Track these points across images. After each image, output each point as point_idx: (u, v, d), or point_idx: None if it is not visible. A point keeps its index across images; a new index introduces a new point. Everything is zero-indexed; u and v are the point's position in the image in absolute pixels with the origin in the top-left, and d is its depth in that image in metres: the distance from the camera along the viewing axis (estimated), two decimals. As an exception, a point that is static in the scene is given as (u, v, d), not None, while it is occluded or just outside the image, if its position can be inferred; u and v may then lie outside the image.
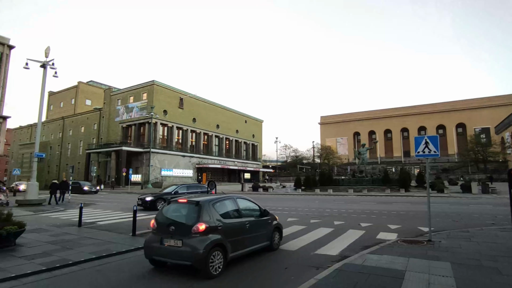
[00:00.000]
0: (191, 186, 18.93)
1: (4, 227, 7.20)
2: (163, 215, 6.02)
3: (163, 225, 5.75)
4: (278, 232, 7.46)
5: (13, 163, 72.30)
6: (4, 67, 33.85)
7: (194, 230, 5.32)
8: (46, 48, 20.03)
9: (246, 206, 6.88)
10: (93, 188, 34.43)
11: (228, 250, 5.63)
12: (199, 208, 5.65)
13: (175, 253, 5.37)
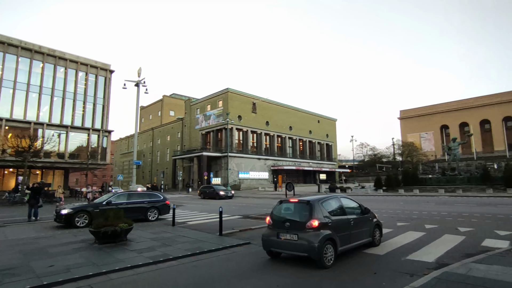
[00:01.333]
0: (133, 194, 14.50)
1: (119, 224, 8.48)
2: (277, 212, 6.84)
3: (278, 221, 6.60)
4: (378, 229, 7.92)
5: (116, 169, 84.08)
6: (108, 89, 39.73)
7: (308, 226, 6.05)
8: (138, 69, 22.91)
9: (349, 204, 7.46)
10: (229, 192, 30.87)
11: (338, 244, 6.26)
12: (310, 206, 6.34)
13: (292, 245, 6.19)
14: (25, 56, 33.76)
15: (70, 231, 11.03)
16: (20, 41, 33.57)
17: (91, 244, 8.51)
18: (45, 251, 7.69)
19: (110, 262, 6.61)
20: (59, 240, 9.14)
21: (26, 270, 6.06)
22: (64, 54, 36.60)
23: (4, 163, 30.13)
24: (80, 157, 35.20)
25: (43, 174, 35.94)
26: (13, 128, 31.33)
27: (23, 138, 27.61)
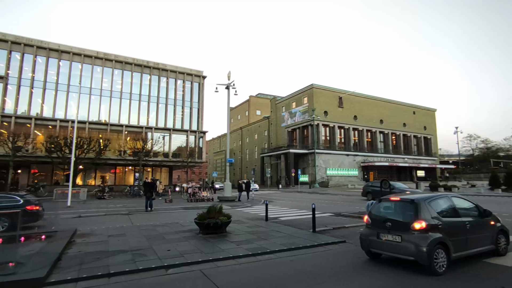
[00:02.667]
0: None
1: (219, 217, 9.29)
2: (376, 211, 6.51)
3: (378, 221, 6.26)
4: (504, 235, 6.81)
5: (211, 167, 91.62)
6: (201, 93, 43.55)
7: (414, 227, 5.55)
8: (228, 72, 24.46)
9: (463, 205, 6.62)
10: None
11: (451, 249, 5.61)
12: (415, 206, 5.83)
13: (394, 247, 5.78)
14: (137, 71, 39.58)
15: (177, 221, 12.50)
16: (134, 59, 39.48)
17: (196, 234, 9.52)
18: (162, 237, 8.94)
19: (215, 251, 7.31)
20: (171, 229, 10.49)
21: (151, 252, 7.17)
22: (165, 66, 41.60)
23: (125, 162, 35.96)
24: (180, 156, 39.56)
25: (153, 171, 41.65)
26: (130, 133, 37.12)
27: (137, 141, 32.51)
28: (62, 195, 22.46)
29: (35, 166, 34.31)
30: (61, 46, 35.64)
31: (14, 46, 33.50)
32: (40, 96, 34.04)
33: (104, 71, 37.71)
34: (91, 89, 36.30)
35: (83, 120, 34.08)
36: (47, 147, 29.31)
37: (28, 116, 32.92)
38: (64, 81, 35.25)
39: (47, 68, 34.64)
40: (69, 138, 28.49)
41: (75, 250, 7.46)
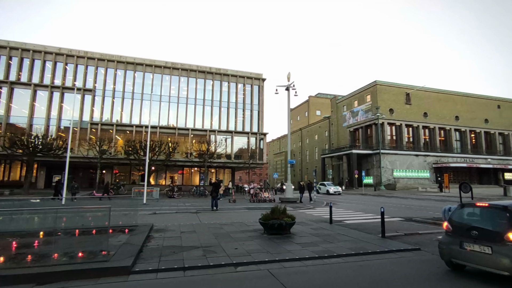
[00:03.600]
0: None
1: (283, 218, 9.35)
2: (458, 218, 5.95)
3: (461, 228, 5.71)
4: None
5: (271, 168, 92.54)
6: (261, 96, 44.34)
7: (509, 238, 4.91)
8: (288, 74, 24.49)
9: None
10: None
11: None
12: (510, 213, 5.17)
13: (483, 259, 5.19)
14: (201, 77, 41.98)
15: (242, 221, 12.88)
16: (198, 66, 41.98)
17: (261, 234, 9.70)
18: (229, 236, 9.32)
19: (280, 252, 7.37)
20: (237, 228, 10.86)
21: (220, 249, 7.53)
22: (226, 71, 43.31)
23: (192, 163, 38.34)
24: (242, 157, 40.76)
25: (217, 172, 43.63)
26: (196, 136, 39.45)
27: (202, 143, 34.41)
28: (138, 193, 24.84)
29: (117, 167, 38.54)
30: (136, 59, 39.55)
31: (100, 62, 38.19)
32: (119, 104, 38.19)
33: (172, 79, 40.80)
34: (161, 97, 39.54)
35: (154, 125, 37.24)
36: (125, 150, 32.75)
37: (110, 123, 37.20)
38: (139, 90, 39.02)
39: (125, 80, 38.77)
40: (143, 142, 31.43)
41: (154, 243, 8.20)
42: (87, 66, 37.88)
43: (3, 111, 34.54)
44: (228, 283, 5.46)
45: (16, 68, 35.83)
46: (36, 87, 35.72)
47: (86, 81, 37.67)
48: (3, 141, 29.94)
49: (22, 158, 30.56)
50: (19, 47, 35.87)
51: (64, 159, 23.83)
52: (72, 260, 6.35)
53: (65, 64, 37.33)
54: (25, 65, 36.29)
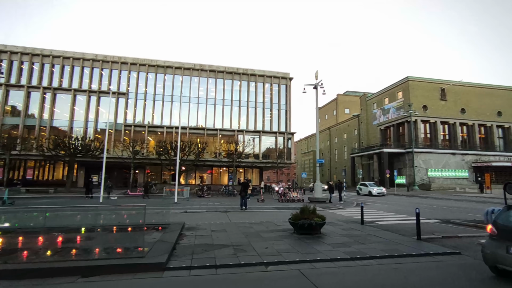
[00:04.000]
0: None
1: (313, 218, 9.27)
2: (504, 221, 5.60)
3: (508, 232, 5.38)
4: None
5: (299, 168, 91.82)
6: (288, 95, 44.14)
7: None
8: (315, 72, 24.18)
9: None
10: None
11: None
12: None
13: None
14: (228, 78, 42.53)
15: (271, 221, 12.90)
16: (225, 67, 42.56)
17: (291, 233, 9.67)
18: (259, 235, 9.38)
19: (311, 252, 7.31)
20: (266, 227, 10.90)
21: (250, 248, 7.60)
22: (253, 71, 43.53)
23: (220, 163, 38.94)
24: (270, 157, 40.77)
25: (245, 172, 43.98)
26: (224, 136, 40.01)
27: (230, 143, 34.84)
28: (170, 192, 25.64)
29: (149, 167, 40.00)
30: (166, 63, 40.82)
31: (132, 67, 39.86)
32: (151, 107, 39.62)
33: (200, 80, 41.68)
34: (190, 98, 40.54)
35: (184, 126, 38.22)
36: (157, 150, 33.91)
37: (142, 124, 38.68)
38: (169, 93, 40.25)
39: (156, 83, 40.16)
40: (173, 142, 32.37)
41: (186, 241, 8.44)
42: (120, 71, 39.68)
43: (47, 115, 37.02)
44: (259, 282, 5.51)
45: (58, 75, 38.32)
46: (75, 92, 37.95)
47: (120, 85, 39.47)
48: (47, 143, 32.14)
49: (64, 159, 32.63)
50: (60, 55, 38.30)
51: (101, 160, 25.13)
52: (111, 255, 6.70)
53: (101, 70, 39.34)
54: (66, 72, 38.68)
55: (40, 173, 39.40)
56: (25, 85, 37.00)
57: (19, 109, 37.21)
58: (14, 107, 37.68)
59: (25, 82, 37.39)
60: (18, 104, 37.31)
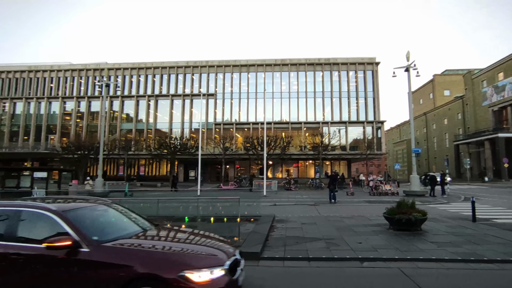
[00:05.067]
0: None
1: (412, 213, 8.48)
2: None
3: None
4: None
5: (391, 159, 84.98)
6: (376, 81, 41.14)
7: None
8: (407, 53, 21.86)
9: None
10: None
11: None
12: None
13: None
14: (310, 70, 41.91)
15: (362, 215, 12.28)
16: (306, 59, 42.09)
17: (386, 229, 9.04)
18: (351, 229, 9.06)
19: (412, 250, 6.71)
20: (358, 222, 10.45)
21: (342, 242, 7.41)
22: (336, 60, 41.83)
23: (306, 156, 38.81)
24: (358, 148, 38.76)
25: (332, 164, 42.83)
26: (308, 129, 39.68)
27: (315, 136, 34.36)
28: (258, 186, 26.73)
29: (238, 162, 42.43)
30: (248, 62, 42.48)
31: (218, 69, 42.79)
32: (237, 105, 41.86)
33: (282, 75, 42.13)
34: (273, 93, 41.35)
35: (269, 121, 39.23)
36: (245, 146, 35.70)
37: (230, 122, 41.20)
38: (253, 90, 41.82)
39: (240, 82, 42.22)
40: (260, 138, 33.58)
41: (277, 233, 8.70)
42: (208, 74, 42.98)
43: (152, 119, 42.66)
44: (356, 278, 5.32)
45: (158, 84, 43.73)
46: (172, 97, 42.71)
47: (209, 87, 42.76)
48: (154, 144, 37.09)
49: (167, 156, 37.13)
50: (159, 66, 43.60)
51: (197, 157, 27.74)
52: (212, 243, 7.36)
53: (192, 75, 43.31)
54: (164, 80, 43.83)
55: (149, 170, 45.66)
56: (135, 95, 43.33)
57: (131, 116, 43.82)
58: (128, 115, 44.53)
59: (135, 93, 43.75)
60: (130, 111, 43.94)
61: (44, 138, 43.58)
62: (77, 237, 3.55)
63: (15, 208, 3.96)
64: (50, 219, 3.75)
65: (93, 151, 34.90)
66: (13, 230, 3.80)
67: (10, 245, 3.64)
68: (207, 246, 4.09)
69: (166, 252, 3.66)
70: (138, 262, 3.40)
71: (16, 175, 23.21)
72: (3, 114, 45.22)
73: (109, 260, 3.44)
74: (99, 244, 3.58)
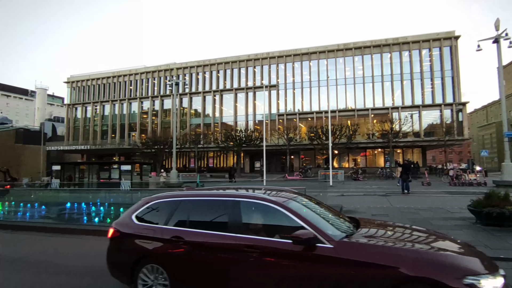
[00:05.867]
0: None
1: (505, 206, 7.46)
2: None
3: None
4: None
5: (475, 145, 75.38)
6: (455, 58, 36.67)
7: None
8: (496, 20, 18.95)
9: None
10: None
11: None
12: None
13: None
14: (376, 52, 39.17)
15: (442, 207, 11.20)
16: (371, 41, 39.43)
17: (472, 223, 8.13)
18: (429, 222, 8.34)
19: (506, 248, 5.93)
20: (437, 214, 9.58)
21: (419, 236, 6.88)
22: (406, 38, 38.28)
23: (375, 144, 36.69)
24: (435, 134, 35.21)
25: (403, 152, 39.77)
26: (376, 115, 37.36)
27: (384, 123, 32.21)
28: (324, 176, 26.23)
29: (303, 152, 42.13)
30: (309, 49, 41.52)
31: (279, 59, 42.80)
32: (299, 94, 41.44)
33: (346, 60, 40.23)
34: (336, 80, 39.81)
35: (333, 109, 37.99)
36: (309, 136, 35.26)
37: (293, 112, 41.03)
38: (315, 78, 40.85)
39: (302, 71, 41.58)
40: (324, 127, 32.78)
41: (346, 224, 8.46)
42: (269, 65, 43.20)
43: (218, 113, 44.78)
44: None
45: (222, 79, 45.52)
46: (236, 91, 44.09)
47: (270, 78, 43.01)
48: (220, 137, 38.98)
49: (233, 149, 38.69)
50: (222, 62, 45.30)
51: (261, 148, 28.32)
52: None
53: (253, 68, 44.03)
54: (227, 75, 45.44)
55: (218, 161, 48.13)
56: (201, 91, 45.88)
57: (199, 111, 46.59)
58: (196, 110, 47.46)
59: (201, 89, 46.30)
60: (198, 107, 46.73)
61: (127, 135, 49.06)
62: (313, 231, 3.15)
63: (247, 200, 3.77)
64: (278, 211, 3.44)
65: (167, 146, 38.08)
66: (252, 222, 3.70)
67: (252, 238, 3.39)
68: (446, 245, 3.32)
69: (432, 252, 3.03)
70: (403, 263, 2.83)
71: (107, 168, 26.85)
72: (96, 116, 52.09)
73: (362, 258, 2.94)
74: (341, 239, 3.16)
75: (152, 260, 3.74)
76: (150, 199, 4.24)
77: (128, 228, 4.03)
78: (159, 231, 3.80)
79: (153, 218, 4.01)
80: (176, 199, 4.10)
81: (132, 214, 4.13)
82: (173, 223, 3.82)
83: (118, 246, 4.09)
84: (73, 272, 5.21)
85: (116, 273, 4.06)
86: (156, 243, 3.73)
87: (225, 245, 3.45)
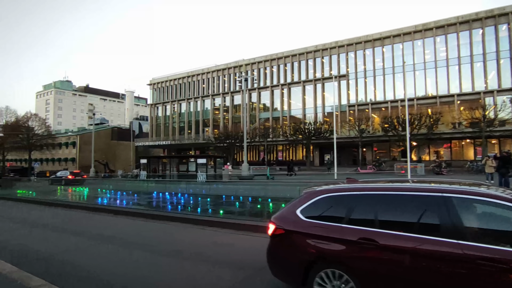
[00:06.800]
0: None
1: None
2: None
3: None
4: None
5: None
6: None
7: None
8: None
9: None
10: None
11: None
12: None
13: None
14: (463, 29, 34.54)
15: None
16: (457, 17, 34.84)
17: None
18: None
19: None
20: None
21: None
22: (503, 9, 32.91)
23: (462, 134, 32.68)
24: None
25: (500, 143, 34.56)
26: (463, 102, 33.14)
27: (475, 110, 28.41)
28: (401, 169, 24.41)
29: (376, 145, 39.77)
30: (382, 34, 38.72)
31: (349, 48, 40.94)
32: (372, 83, 39.03)
33: (425, 42, 36.44)
34: (414, 65, 36.46)
35: (410, 97, 34.90)
36: (383, 127, 33.06)
37: (365, 102, 38.89)
38: (389, 65, 37.96)
39: (374, 58, 39.02)
40: (400, 117, 30.36)
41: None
42: (339, 55, 41.50)
43: (286, 107, 44.91)
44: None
45: (290, 72, 45.38)
46: (304, 83, 43.56)
47: (340, 68, 41.34)
48: (289, 130, 39.10)
49: (302, 141, 38.46)
50: (289, 55, 45.12)
51: (331, 140, 27.59)
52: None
53: (321, 58, 42.86)
54: (295, 67, 45.14)
55: (287, 155, 48.42)
56: (269, 85, 46.47)
57: (267, 106, 47.35)
58: (265, 104, 48.33)
59: (269, 83, 46.91)
60: (267, 101, 47.50)
61: (201, 130, 52.56)
62: None
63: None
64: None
65: (238, 140, 39.66)
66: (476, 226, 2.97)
67: (494, 249, 2.58)
68: None
69: None
70: None
71: (185, 162, 29.35)
72: (174, 114, 57.04)
73: None
74: None
75: (331, 264, 3.23)
76: (315, 193, 3.66)
77: (295, 225, 3.53)
78: (338, 230, 3.21)
79: (326, 215, 3.42)
80: (355, 193, 3.46)
81: (296, 209, 3.61)
82: (355, 222, 3.20)
83: (285, 245, 3.59)
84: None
85: (281, 274, 3.65)
86: (336, 245, 3.17)
87: (444, 255, 2.69)
